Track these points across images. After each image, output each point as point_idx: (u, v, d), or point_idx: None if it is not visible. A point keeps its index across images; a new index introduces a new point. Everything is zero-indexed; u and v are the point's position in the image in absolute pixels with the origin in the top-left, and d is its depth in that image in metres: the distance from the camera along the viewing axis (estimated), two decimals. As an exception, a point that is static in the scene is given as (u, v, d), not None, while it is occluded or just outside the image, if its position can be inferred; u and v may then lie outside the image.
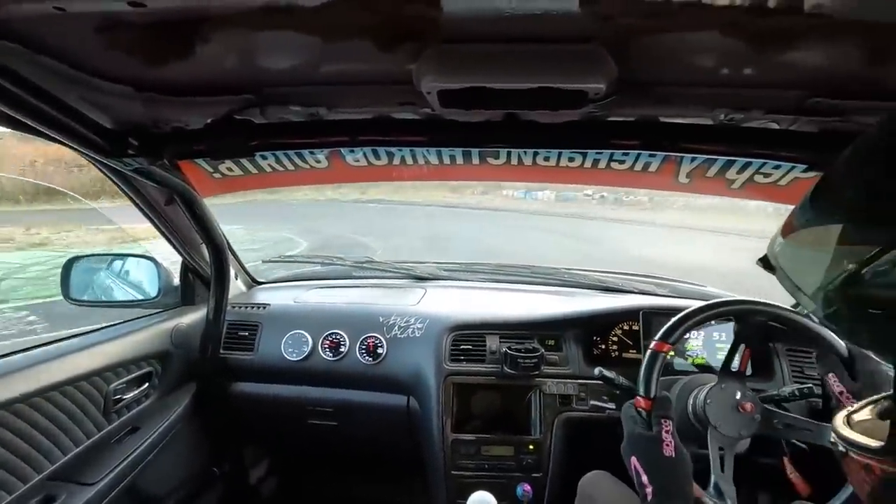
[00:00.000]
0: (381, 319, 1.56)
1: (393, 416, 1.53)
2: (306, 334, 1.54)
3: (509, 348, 1.38)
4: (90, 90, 0.76)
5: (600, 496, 1.12)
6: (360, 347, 1.52)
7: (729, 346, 1.34)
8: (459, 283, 1.90)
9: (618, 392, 1.26)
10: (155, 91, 0.80)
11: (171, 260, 1.51)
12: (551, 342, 1.46)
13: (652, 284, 1.77)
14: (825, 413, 1.22)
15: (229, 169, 1.15)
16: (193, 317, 1.52)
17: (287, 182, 1.22)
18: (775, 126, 0.79)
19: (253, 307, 1.65)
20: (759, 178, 0.97)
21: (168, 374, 1.41)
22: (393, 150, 1.05)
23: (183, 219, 1.33)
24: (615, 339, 1.46)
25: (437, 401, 1.39)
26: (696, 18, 0.54)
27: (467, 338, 1.47)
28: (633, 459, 0.86)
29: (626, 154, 0.97)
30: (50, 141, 0.84)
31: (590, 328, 1.47)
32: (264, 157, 1.10)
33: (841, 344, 0.97)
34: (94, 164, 1.01)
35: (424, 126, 0.92)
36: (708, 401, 1.05)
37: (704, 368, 1.39)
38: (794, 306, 1.50)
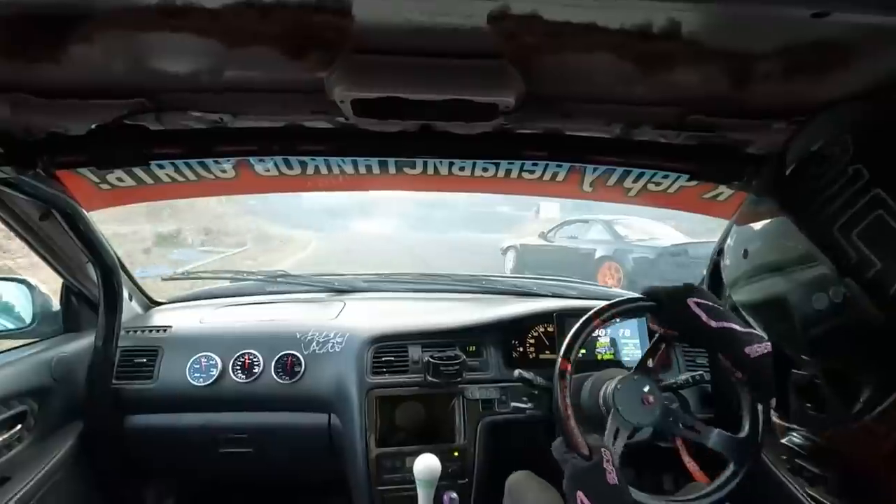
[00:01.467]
0: (297, 336, 1.49)
1: (313, 436, 1.46)
2: (215, 357, 1.43)
3: (431, 357, 1.39)
4: None
5: (527, 496, 1.15)
6: (275, 367, 1.44)
7: (634, 342, 1.45)
8: (379, 294, 1.88)
9: (536, 392, 1.31)
10: (25, 92, 0.70)
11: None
12: (472, 348, 1.49)
13: (564, 287, 1.88)
14: (714, 398, 1.37)
15: (119, 179, 1.04)
16: (79, 345, 1.35)
17: (188, 193, 1.14)
18: (663, 140, 0.87)
19: (151, 330, 1.51)
20: (651, 187, 1.07)
21: (47, 412, 1.23)
22: (306, 159, 1.02)
23: (63, 236, 1.18)
24: (532, 341, 1.52)
25: (359, 416, 1.36)
26: (590, 40, 0.58)
27: (389, 349, 1.45)
28: (580, 494, 0.86)
29: (536, 164, 1.02)
30: None
31: (508, 332, 1.52)
32: (161, 167, 1.01)
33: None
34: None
35: (339, 135, 0.90)
36: (619, 389, 1.13)
37: (613, 364, 1.49)
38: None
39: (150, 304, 1.71)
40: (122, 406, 1.42)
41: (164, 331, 1.51)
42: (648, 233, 7.67)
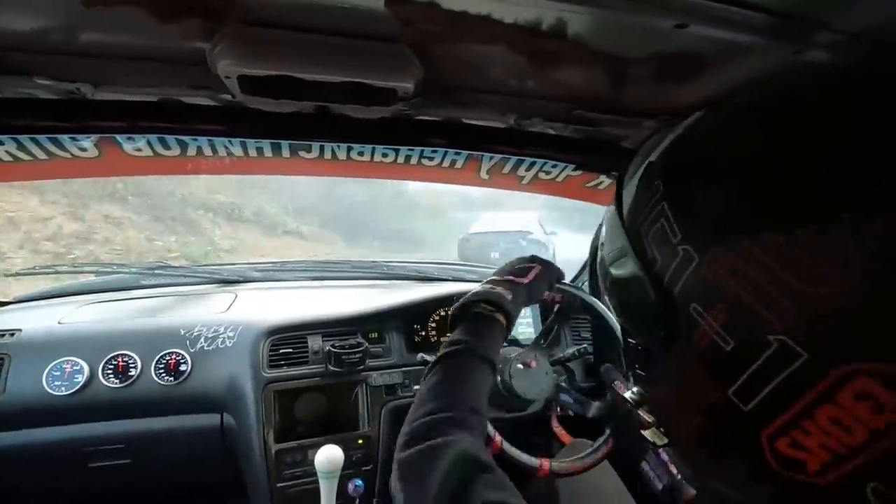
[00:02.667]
0: (182, 332, 1.36)
1: (204, 439, 1.36)
2: (80, 361, 1.26)
3: (332, 346, 1.36)
4: None
5: None
6: (156, 367, 1.30)
7: (528, 321, 1.55)
8: (274, 283, 1.79)
9: None
10: None
11: None
12: (374, 335, 1.48)
13: (463, 271, 1.94)
14: (596, 367, 1.52)
15: None
16: None
17: (37, 174, 0.97)
18: (552, 132, 0.94)
19: None
20: (542, 175, 1.14)
21: None
22: (186, 139, 0.92)
23: None
24: (433, 325, 1.55)
25: (256, 413, 1.29)
26: (486, 32, 0.60)
27: (287, 340, 1.39)
28: (538, 268, 0.97)
29: (436, 151, 1.03)
30: None
31: (410, 317, 1.54)
32: (0, 143, 0.85)
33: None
34: None
35: (224, 114, 0.83)
36: (508, 372, 1.20)
37: (511, 342, 1.58)
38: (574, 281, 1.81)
39: (-9, 304, 1.45)
40: None
41: (12, 335, 1.29)
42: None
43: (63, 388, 1.23)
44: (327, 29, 0.61)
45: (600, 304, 1.21)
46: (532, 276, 0.94)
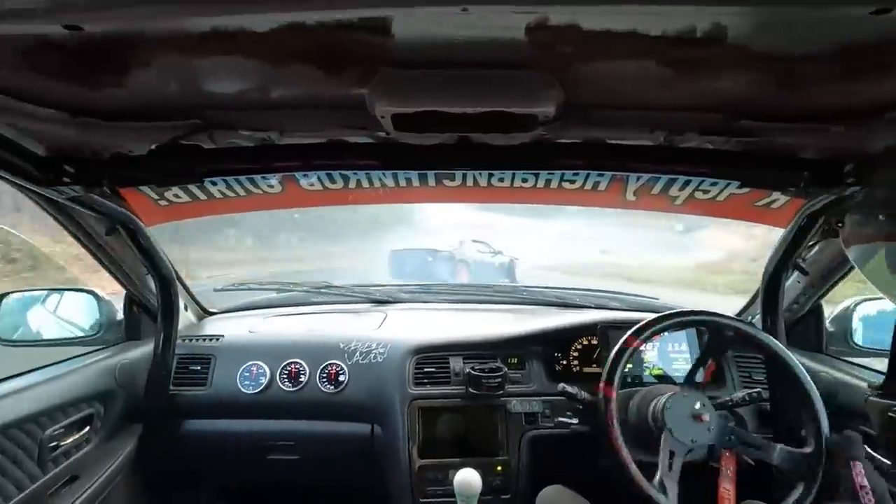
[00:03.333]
0: (341, 346, 1.52)
1: (357, 445, 1.48)
2: (263, 365, 1.48)
3: (472, 369, 1.38)
4: (19, 116, 0.72)
5: None
6: (320, 376, 1.47)
7: (685, 356, 1.39)
8: (420, 304, 1.89)
9: (580, 407, 1.27)
10: (92, 116, 0.76)
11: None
12: (514, 360, 1.46)
13: (607, 299, 1.83)
14: (772, 417, 1.29)
15: (176, 196, 1.11)
16: (140, 352, 1.43)
17: (238, 208, 1.19)
18: (710, 146, 0.84)
19: (205, 339, 1.58)
20: (698, 195, 1.03)
21: (111, 415, 1.31)
22: (348, 173, 1.05)
23: (126, 249, 1.26)
24: (575, 354, 1.48)
25: (402, 426, 1.36)
26: (631, 47, 0.57)
27: (430, 360, 1.45)
28: None
29: (577, 174, 1.00)
30: None
31: (551, 345, 1.49)
32: (213, 183, 1.06)
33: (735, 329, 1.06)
34: (25, 194, 0.95)
35: (379, 149, 0.92)
36: (668, 406, 1.09)
37: (662, 379, 1.43)
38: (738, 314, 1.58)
39: (204, 313, 1.80)
40: (179, 411, 1.49)
41: (217, 340, 1.58)
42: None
43: (251, 388, 1.46)
44: (469, 63, 0.64)
45: (780, 345, 1.04)
46: None
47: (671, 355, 1.48)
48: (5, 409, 0.99)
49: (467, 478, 1.12)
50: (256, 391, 1.46)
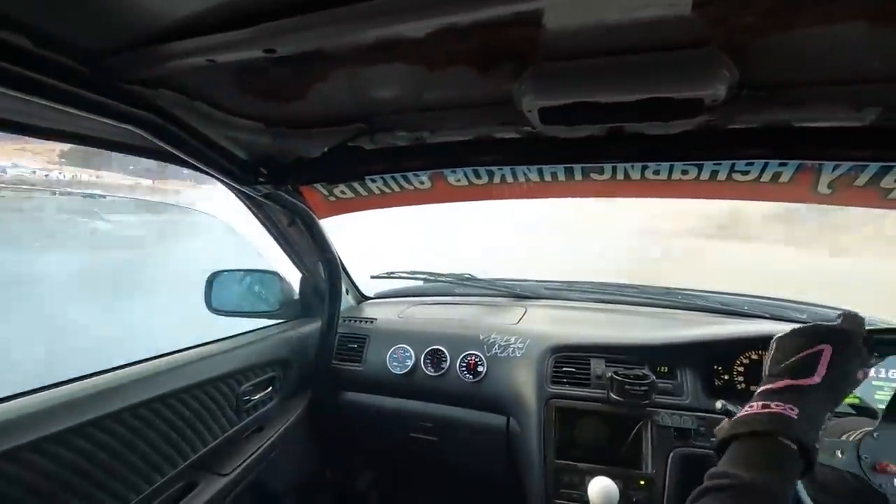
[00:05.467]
0: (481, 337, 1.56)
1: (492, 436, 1.51)
2: (409, 349, 1.59)
3: (616, 373, 1.30)
4: (229, 127, 0.88)
5: None
6: (460, 364, 1.53)
7: (891, 385, 1.15)
8: (561, 301, 1.84)
9: None
10: (281, 125, 0.90)
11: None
12: (664, 369, 1.34)
13: (786, 308, 1.57)
14: None
15: (342, 192, 1.25)
16: (310, 328, 1.65)
17: (393, 203, 1.29)
18: None
19: (362, 321, 1.75)
20: None
21: (288, 380, 1.54)
22: (493, 168, 1.06)
23: (303, 238, 1.47)
24: (741, 369, 1.30)
25: (538, 423, 1.35)
26: (828, 10, 0.47)
27: (570, 360, 1.41)
28: (826, 350, 0.69)
29: (751, 164, 0.87)
30: (195, 171, 0.98)
31: (710, 356, 1.33)
32: (373, 181, 1.17)
33: None
34: (231, 191, 1.16)
35: (524, 144, 0.92)
36: (865, 446, 0.89)
37: (859, 410, 1.18)
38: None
39: (361, 298, 2.00)
40: (339, 383, 1.68)
41: (371, 322, 1.74)
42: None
43: (398, 368, 1.59)
44: (626, 48, 0.60)
45: None
46: (824, 369, 0.65)
47: (873, 382, 1.21)
48: (214, 365, 1.23)
49: (603, 486, 1.07)
50: (403, 372, 1.58)
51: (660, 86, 0.63)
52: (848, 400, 1.20)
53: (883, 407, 1.16)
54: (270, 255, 1.64)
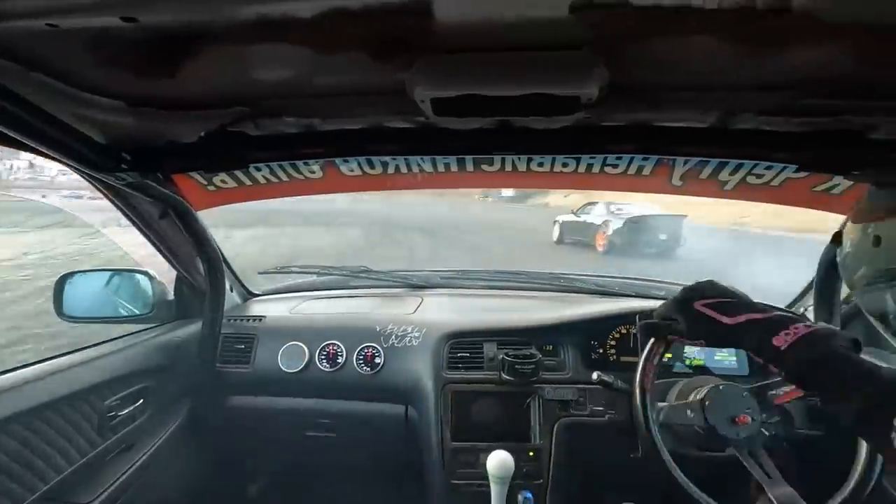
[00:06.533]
0: (378, 329, 1.55)
1: (391, 426, 1.52)
2: (303, 346, 1.53)
3: (506, 355, 1.38)
4: (82, 105, 0.76)
5: None
6: (357, 358, 1.51)
7: (728, 349, 1.35)
8: (456, 290, 1.90)
9: (616, 396, 1.26)
10: (148, 105, 0.80)
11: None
12: (549, 348, 1.46)
13: (649, 287, 1.78)
14: (825, 415, 1.23)
15: (223, 181, 1.15)
16: (189, 330, 1.51)
17: (281, 193, 1.22)
18: (766, 127, 0.80)
19: (248, 319, 1.64)
20: (751, 180, 0.98)
21: (163, 389, 1.39)
22: (387, 159, 1.05)
23: (177, 232, 1.32)
24: (613, 343, 1.46)
25: (435, 409, 1.39)
26: (684, 23, 0.54)
27: (465, 345, 1.46)
28: None
29: (620, 158, 0.98)
30: (39, 156, 0.84)
31: (587, 333, 1.47)
32: (258, 169, 1.10)
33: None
34: (85, 179, 1.01)
35: (418, 134, 0.93)
36: (708, 400, 1.07)
37: (702, 370, 1.39)
38: (790, 306, 1.52)
39: (248, 294, 1.87)
40: (224, 387, 1.56)
41: (260, 320, 1.64)
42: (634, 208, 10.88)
43: (291, 367, 1.52)
44: (511, 45, 0.63)
45: None
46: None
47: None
48: (71, 379, 1.07)
49: (500, 459, 1.13)
50: (296, 370, 1.51)
51: (542, 83, 0.67)
52: (695, 363, 1.41)
53: (719, 367, 1.39)
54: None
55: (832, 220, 1.04)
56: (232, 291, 1.73)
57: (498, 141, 0.91)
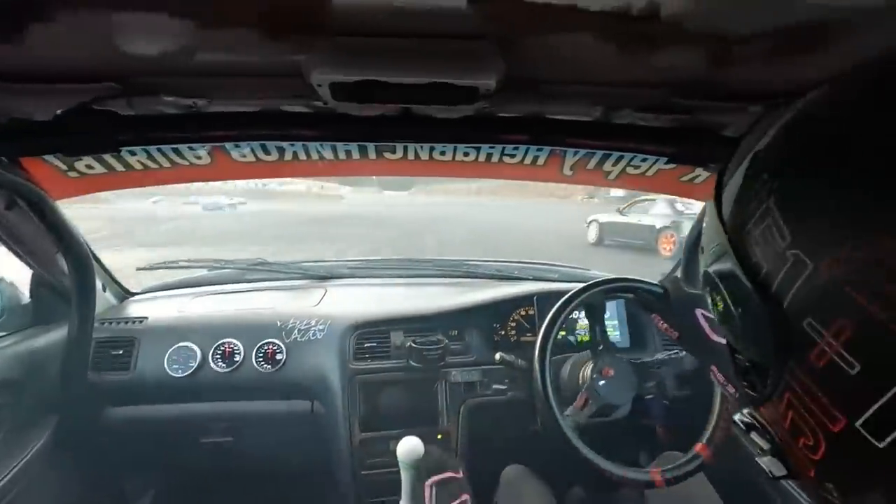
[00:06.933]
0: (278, 324, 1.48)
1: (296, 424, 1.47)
2: (194, 346, 1.41)
3: (414, 342, 1.40)
4: None
5: (522, 490, 1.19)
6: (257, 355, 1.43)
7: (613, 323, 1.50)
8: (361, 280, 1.87)
9: (517, 374, 1.34)
10: None
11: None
12: (454, 332, 1.50)
13: (544, 271, 1.90)
14: (690, 378, 1.42)
15: (89, 167, 1.01)
16: (50, 338, 1.31)
17: (162, 180, 1.10)
18: (642, 122, 0.88)
19: (127, 322, 1.48)
20: (630, 170, 1.08)
21: (19, 407, 1.20)
22: (284, 144, 1.00)
23: (30, 225, 1.14)
24: (513, 324, 1.54)
25: (343, 402, 1.36)
26: (571, 21, 0.58)
27: (371, 335, 1.45)
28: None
29: (517, 149, 1.02)
30: None
31: (490, 316, 1.54)
32: (133, 153, 0.98)
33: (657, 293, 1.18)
34: None
35: (317, 120, 0.89)
36: (595, 370, 1.18)
37: (591, 345, 1.53)
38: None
39: (125, 294, 1.68)
40: (100, 398, 1.39)
41: (141, 322, 1.48)
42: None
43: (180, 370, 1.39)
44: (410, 32, 0.63)
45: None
46: None
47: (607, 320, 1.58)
48: None
49: (410, 445, 1.14)
50: (186, 374, 1.39)
51: (442, 71, 0.68)
52: (584, 339, 1.54)
53: (612, 340, 1.54)
54: None
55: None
56: (105, 291, 1.54)
57: (399, 129, 0.91)
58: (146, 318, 1.49)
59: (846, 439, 0.28)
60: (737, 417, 0.41)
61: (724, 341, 0.45)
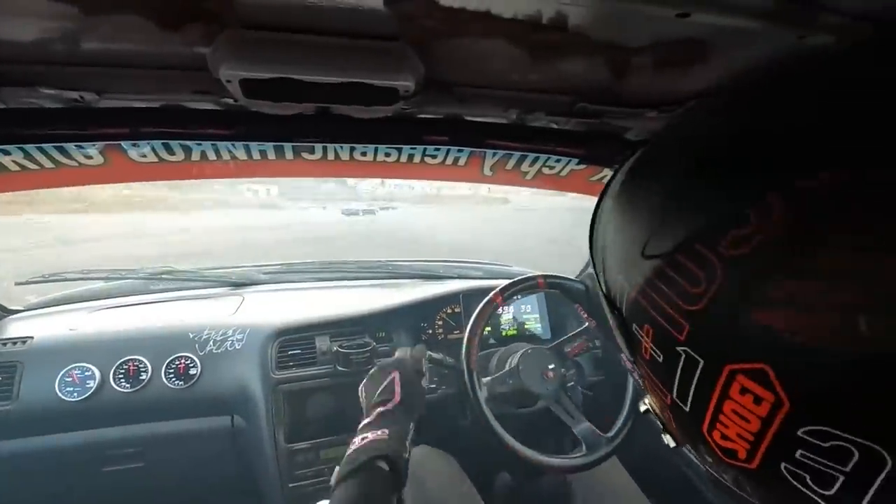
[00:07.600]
0: (191, 336, 1.38)
1: (215, 441, 1.37)
2: (91, 367, 1.27)
3: (340, 346, 1.36)
4: None
5: (427, 467, 1.20)
6: (167, 371, 1.32)
7: (535, 316, 1.57)
8: (281, 285, 1.79)
9: (446, 371, 1.35)
10: None
11: None
12: (382, 334, 1.48)
13: (468, 268, 1.94)
14: (602, 361, 1.53)
15: None
16: None
17: (44, 183, 0.98)
18: (555, 126, 0.93)
19: (7, 343, 1.30)
20: (545, 171, 1.14)
21: None
22: (190, 143, 0.93)
23: None
24: (440, 322, 1.55)
25: (266, 414, 1.30)
26: (485, 27, 0.59)
27: (295, 342, 1.40)
28: (395, 374, 0.93)
29: (438, 149, 1.03)
30: None
31: (416, 316, 1.54)
32: (6, 153, 0.86)
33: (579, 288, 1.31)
34: None
35: (227, 118, 0.83)
36: (521, 362, 1.23)
37: (517, 338, 1.58)
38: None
39: (3, 312, 1.47)
40: None
41: (24, 342, 1.31)
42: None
43: (75, 394, 1.25)
44: (327, 30, 0.61)
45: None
46: (397, 392, 0.87)
47: (523, 316, 1.64)
48: None
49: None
50: (83, 397, 1.25)
51: (360, 71, 0.66)
52: (509, 333, 1.60)
53: (530, 334, 1.60)
54: None
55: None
56: (-24, 311, 1.34)
57: (317, 128, 0.88)
58: (31, 337, 1.32)
59: (673, 409, 0.37)
60: (641, 408, 0.49)
61: None
